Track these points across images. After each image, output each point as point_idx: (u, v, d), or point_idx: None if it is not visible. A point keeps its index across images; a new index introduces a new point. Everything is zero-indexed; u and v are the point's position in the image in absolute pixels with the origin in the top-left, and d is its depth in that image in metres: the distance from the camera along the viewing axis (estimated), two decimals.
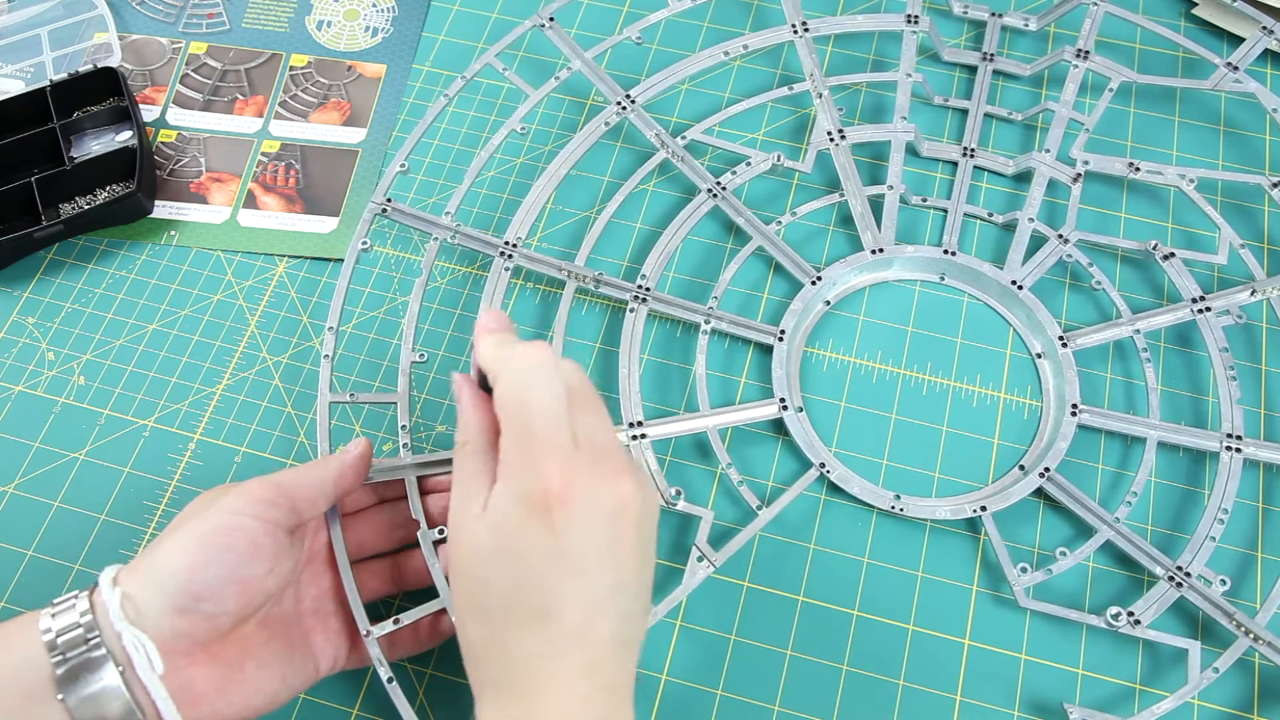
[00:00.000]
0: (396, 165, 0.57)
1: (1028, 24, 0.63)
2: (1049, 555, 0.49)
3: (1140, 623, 0.46)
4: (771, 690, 0.47)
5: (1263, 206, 0.58)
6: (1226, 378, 0.52)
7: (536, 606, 0.35)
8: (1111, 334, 0.53)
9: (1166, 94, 0.62)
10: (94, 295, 0.58)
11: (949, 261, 0.56)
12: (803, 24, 0.61)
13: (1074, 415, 0.51)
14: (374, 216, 0.56)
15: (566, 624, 0.35)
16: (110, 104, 0.62)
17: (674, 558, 0.50)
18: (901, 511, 0.50)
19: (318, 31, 0.66)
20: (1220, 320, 0.53)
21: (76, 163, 0.59)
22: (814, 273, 0.55)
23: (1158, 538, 0.50)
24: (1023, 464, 0.51)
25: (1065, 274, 0.56)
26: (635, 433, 0.50)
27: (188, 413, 0.54)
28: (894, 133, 0.59)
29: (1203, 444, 0.51)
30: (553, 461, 0.35)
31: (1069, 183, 0.57)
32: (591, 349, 0.55)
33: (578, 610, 0.35)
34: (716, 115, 0.60)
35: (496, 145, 0.57)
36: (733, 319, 0.54)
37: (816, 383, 0.54)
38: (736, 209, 0.57)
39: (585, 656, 0.35)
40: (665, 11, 0.61)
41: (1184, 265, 0.55)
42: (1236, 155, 0.60)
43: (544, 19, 0.61)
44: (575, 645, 0.35)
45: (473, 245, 0.55)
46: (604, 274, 0.54)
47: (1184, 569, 0.47)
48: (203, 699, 0.38)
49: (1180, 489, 0.51)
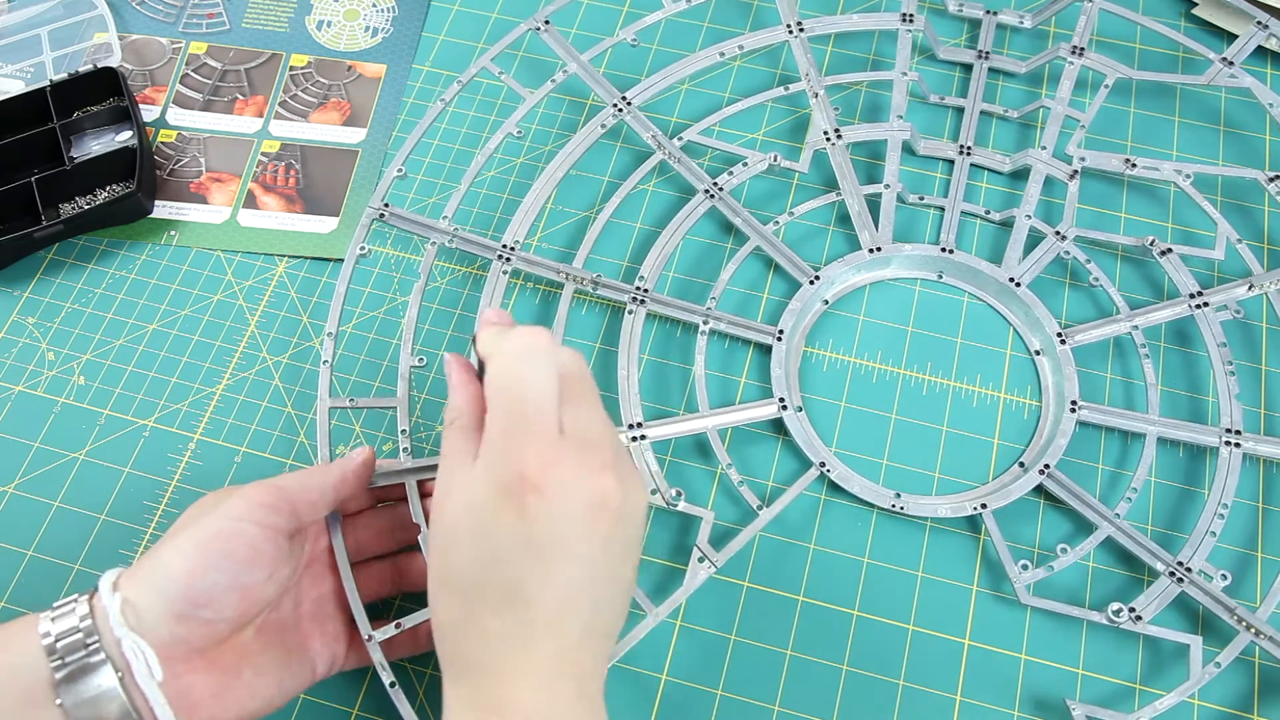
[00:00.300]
0: (394, 170, 0.57)
1: (1023, 21, 0.63)
2: (1049, 553, 0.49)
3: (1141, 618, 0.46)
4: (771, 690, 0.47)
5: (1260, 203, 0.58)
6: (1225, 373, 0.52)
7: (506, 589, 0.35)
8: (1110, 330, 0.54)
9: (1165, 92, 0.62)
10: (94, 295, 0.58)
11: (947, 260, 0.56)
12: (798, 24, 0.61)
13: (1073, 412, 0.51)
14: (372, 221, 0.56)
15: (534, 609, 0.35)
16: (110, 104, 0.62)
17: (675, 558, 0.50)
18: (902, 510, 0.50)
19: (318, 31, 0.66)
20: (1218, 316, 0.53)
21: (76, 163, 0.59)
22: (812, 272, 0.55)
23: (1158, 534, 0.50)
24: (1022, 461, 0.51)
25: (1063, 271, 0.56)
26: (635, 434, 0.50)
27: (188, 413, 0.54)
28: (890, 132, 0.59)
29: (1202, 439, 0.51)
30: (533, 448, 0.35)
31: (1066, 180, 0.57)
32: (591, 350, 0.55)
33: (546, 597, 0.35)
34: (713, 116, 0.60)
35: (493, 149, 0.57)
36: (731, 319, 0.54)
37: (816, 382, 0.54)
38: (734, 209, 0.57)
39: (553, 643, 0.35)
40: (661, 13, 0.61)
41: (1181, 261, 0.55)
42: (1235, 153, 0.60)
43: (540, 22, 0.61)
44: (543, 631, 0.35)
45: (471, 249, 0.55)
46: (602, 276, 0.54)
47: (1184, 564, 0.47)
48: (199, 705, 0.38)
49: (1180, 485, 0.51)
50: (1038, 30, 0.64)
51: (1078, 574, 0.49)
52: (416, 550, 0.47)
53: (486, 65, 0.60)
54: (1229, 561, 0.49)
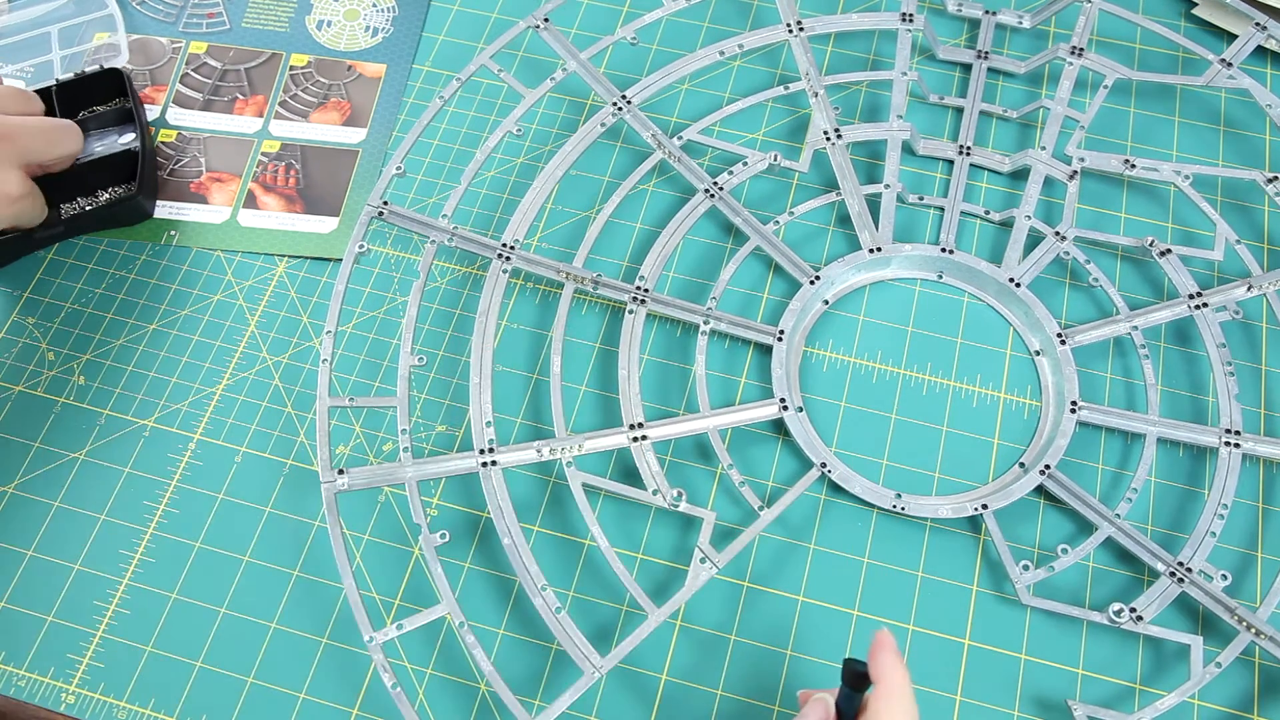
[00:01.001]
0: (392, 168, 0.57)
1: (1022, 21, 0.64)
2: (1049, 554, 0.49)
3: (1142, 619, 0.46)
4: (771, 690, 0.47)
5: (1260, 204, 0.58)
6: (1224, 373, 0.52)
7: None
8: (1110, 331, 0.54)
9: (1164, 92, 0.62)
10: (94, 295, 0.58)
11: (947, 260, 0.56)
12: (797, 23, 0.61)
13: (1073, 412, 0.51)
14: (370, 219, 0.56)
15: None
16: (116, 105, 0.62)
17: (676, 559, 0.50)
18: (903, 511, 0.50)
19: (318, 31, 0.66)
20: (1218, 316, 0.53)
21: (79, 163, 0.59)
22: (812, 272, 0.55)
23: (1158, 534, 0.50)
24: (1023, 462, 0.51)
25: (1063, 272, 0.57)
26: (636, 434, 0.50)
27: (188, 413, 0.54)
28: (890, 131, 0.59)
29: (1202, 439, 0.51)
30: None
31: (1065, 180, 0.57)
32: (591, 350, 0.55)
33: None
34: (713, 115, 0.59)
35: (493, 147, 0.57)
36: (732, 319, 0.54)
37: (816, 383, 0.54)
38: (734, 209, 0.57)
39: None
40: (661, 11, 0.61)
41: (1181, 262, 0.55)
42: (1235, 154, 0.60)
43: (539, 20, 0.61)
44: None
45: (470, 248, 0.55)
46: (602, 275, 0.54)
47: (1185, 565, 0.47)
48: None
49: (1180, 485, 0.51)
50: (1037, 30, 0.64)
51: (1078, 574, 0.49)
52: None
53: (486, 63, 0.60)
54: (1229, 562, 0.49)
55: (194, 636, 0.49)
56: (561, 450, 0.50)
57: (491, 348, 0.52)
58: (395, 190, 0.60)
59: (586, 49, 0.60)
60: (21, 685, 0.48)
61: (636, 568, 0.50)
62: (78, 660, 0.48)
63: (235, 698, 0.47)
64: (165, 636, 0.49)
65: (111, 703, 0.47)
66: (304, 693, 0.47)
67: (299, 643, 0.48)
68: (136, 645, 0.49)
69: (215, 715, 0.47)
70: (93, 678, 0.48)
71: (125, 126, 0.62)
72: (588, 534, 0.50)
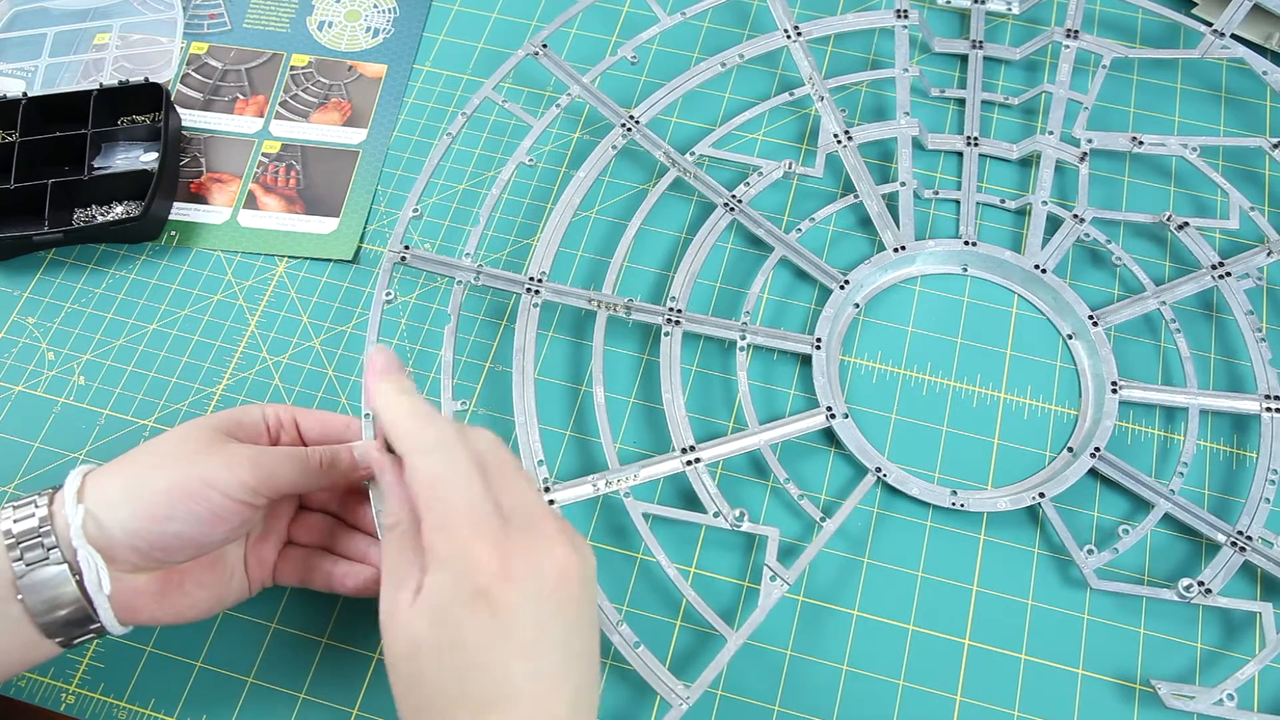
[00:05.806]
0: (409, 210, 0.56)
1: (1011, 7, 0.64)
2: (1106, 537, 0.50)
3: (1211, 591, 0.47)
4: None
5: (1264, 168, 0.59)
6: (1255, 340, 0.53)
7: (485, 697, 0.34)
8: (1139, 309, 0.54)
9: (1163, 66, 0.63)
10: (94, 295, 0.57)
11: (971, 252, 0.56)
12: (794, 28, 0.61)
13: (1114, 392, 0.52)
14: (393, 265, 0.55)
15: (520, 709, 0.34)
16: (150, 120, 0.61)
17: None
18: (962, 507, 0.50)
19: (319, 32, 0.66)
20: (1241, 284, 0.54)
21: (94, 174, 0.58)
22: (840, 277, 0.55)
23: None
24: (1071, 446, 0.52)
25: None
26: (689, 457, 0.50)
27: (188, 413, 0.54)
28: (899, 129, 0.59)
29: (1243, 407, 0.51)
30: (483, 544, 0.34)
31: (1075, 162, 0.58)
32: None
33: (530, 692, 0.34)
34: (722, 128, 0.59)
35: (507, 180, 0.56)
36: (768, 332, 0.54)
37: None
38: (755, 220, 0.56)
39: None
40: (657, 28, 0.61)
41: (1199, 233, 0.56)
42: (1237, 121, 0.61)
43: (537, 46, 0.60)
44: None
45: (497, 284, 0.54)
46: (634, 300, 0.54)
47: (1244, 533, 0.48)
48: (142, 609, 0.41)
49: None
50: (1028, 16, 0.65)
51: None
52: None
53: (489, 95, 0.59)
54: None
55: (194, 636, 0.48)
56: (617, 481, 0.49)
57: (533, 386, 0.51)
58: (394, 204, 0.59)
59: (588, 71, 0.60)
60: (21, 685, 0.47)
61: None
62: (77, 660, 0.48)
63: (235, 698, 0.47)
64: (165, 636, 0.48)
65: (111, 703, 0.47)
66: (304, 693, 0.47)
67: (299, 643, 0.48)
68: (136, 645, 0.48)
69: (215, 715, 0.47)
70: (93, 678, 0.47)
71: (153, 144, 0.60)
72: (638, 559, 0.50)
